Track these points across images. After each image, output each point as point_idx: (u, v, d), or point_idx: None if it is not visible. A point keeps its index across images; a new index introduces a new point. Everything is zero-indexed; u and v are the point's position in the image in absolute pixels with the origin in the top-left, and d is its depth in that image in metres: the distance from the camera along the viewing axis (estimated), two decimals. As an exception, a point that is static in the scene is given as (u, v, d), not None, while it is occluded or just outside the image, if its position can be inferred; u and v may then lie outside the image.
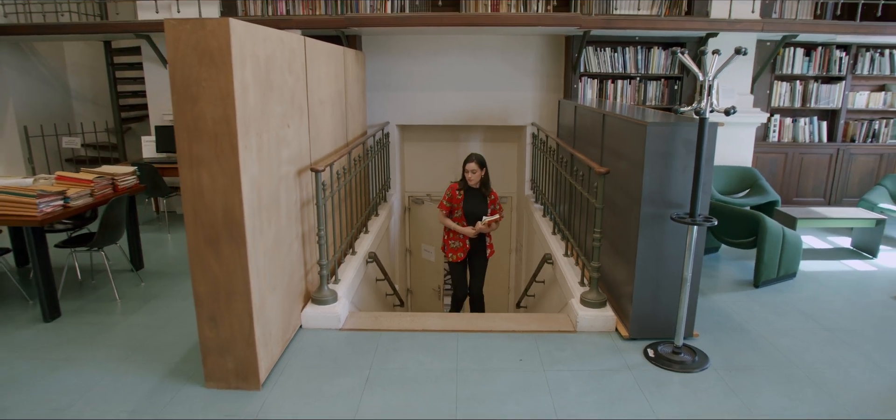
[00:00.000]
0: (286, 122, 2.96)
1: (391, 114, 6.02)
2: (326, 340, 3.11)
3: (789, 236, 3.94)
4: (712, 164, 2.87)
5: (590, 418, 2.42)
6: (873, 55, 5.90)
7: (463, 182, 4.17)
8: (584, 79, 5.83)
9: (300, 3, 5.72)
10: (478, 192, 4.17)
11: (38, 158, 6.40)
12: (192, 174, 2.38)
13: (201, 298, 2.52)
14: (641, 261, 3.00)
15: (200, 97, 2.31)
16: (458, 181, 4.23)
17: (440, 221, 4.32)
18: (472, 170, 4.08)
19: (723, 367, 2.85)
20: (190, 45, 2.27)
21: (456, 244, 4.25)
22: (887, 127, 6.07)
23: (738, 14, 5.32)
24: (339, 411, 2.46)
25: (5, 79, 6.14)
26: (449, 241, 4.29)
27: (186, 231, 2.45)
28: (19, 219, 3.26)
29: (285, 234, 2.96)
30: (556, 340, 3.12)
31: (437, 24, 5.16)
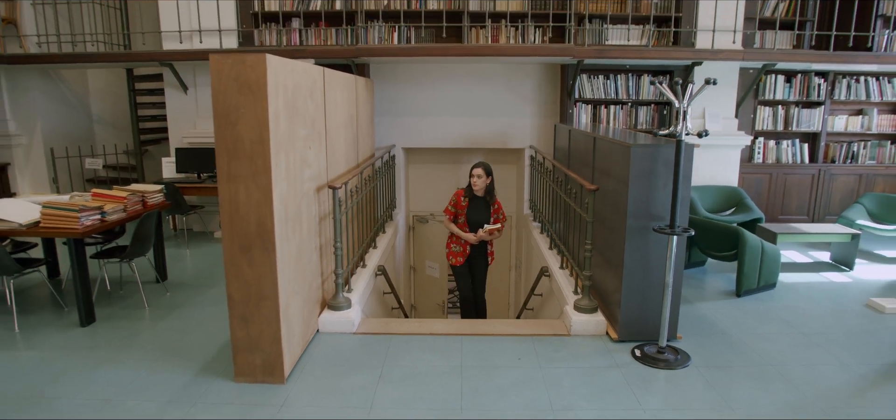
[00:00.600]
0: (308, 144, 3.30)
1: (397, 137, 6.39)
2: (342, 343, 3.41)
3: (768, 249, 4.25)
4: (690, 181, 3.20)
5: (581, 408, 2.70)
6: (849, 82, 6.28)
7: (469, 189, 4.39)
8: (579, 104, 6.21)
9: (313, 33, 6.13)
10: (482, 200, 4.40)
11: (62, 178, 6.75)
12: (230, 189, 2.71)
13: (234, 300, 2.83)
14: (628, 269, 3.31)
15: (239, 121, 2.66)
16: (465, 188, 4.46)
17: (445, 226, 4.58)
18: (478, 175, 4.29)
19: (703, 365, 3.14)
20: (231, 76, 2.62)
21: (457, 248, 4.50)
22: (865, 148, 6.42)
23: (720, 44, 5.73)
24: (355, 403, 2.75)
25: (35, 103, 6.53)
26: (451, 245, 4.54)
27: (223, 240, 2.77)
28: (62, 231, 3.58)
29: (306, 245, 3.28)
30: (552, 343, 3.42)
31: (440, 54, 5.56)
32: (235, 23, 5.95)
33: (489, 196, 4.41)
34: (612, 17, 5.93)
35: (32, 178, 6.63)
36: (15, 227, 3.60)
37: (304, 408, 2.71)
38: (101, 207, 3.81)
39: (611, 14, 5.90)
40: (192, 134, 6.22)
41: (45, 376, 3.02)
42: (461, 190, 4.45)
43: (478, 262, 4.55)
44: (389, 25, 6.04)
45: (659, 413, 2.66)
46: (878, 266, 5.01)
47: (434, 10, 5.91)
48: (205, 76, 6.17)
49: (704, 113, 6.07)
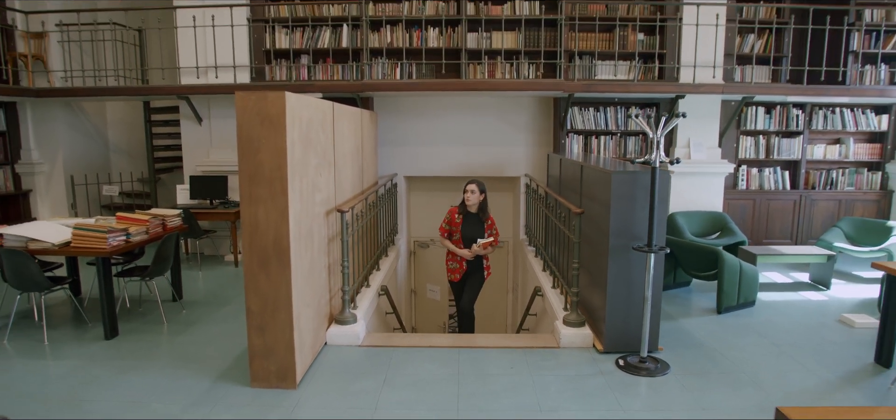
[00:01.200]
0: (319, 171, 3.64)
1: (399, 166, 6.75)
2: (348, 354, 3.68)
3: (747, 269, 4.55)
4: (666, 204, 3.53)
5: (567, 410, 2.97)
6: (826, 113, 6.66)
7: (462, 206, 4.56)
8: (571, 135, 6.58)
9: (320, 69, 6.56)
10: (476, 216, 4.57)
11: (80, 204, 7.09)
12: (251, 210, 3.04)
13: (252, 310, 3.13)
14: (611, 286, 3.60)
15: (260, 150, 3.00)
16: (458, 206, 4.62)
17: (440, 243, 4.78)
18: (472, 191, 4.46)
19: (681, 372, 3.41)
20: (254, 110, 2.98)
21: (453, 265, 4.68)
22: (843, 175, 6.76)
23: (701, 79, 6.13)
24: (361, 405, 3.01)
25: (57, 134, 6.92)
26: (448, 262, 4.76)
27: (244, 255, 3.08)
28: (92, 250, 3.89)
29: (316, 263, 3.59)
30: (542, 354, 3.69)
31: (440, 88, 5.96)
32: (249, 59, 6.38)
33: (483, 212, 4.56)
34: (601, 53, 6.35)
35: (52, 203, 6.98)
36: (48, 247, 3.91)
37: (314, 409, 2.97)
38: (127, 229, 4.13)
39: (599, 51, 6.33)
40: (205, 163, 6.59)
41: (77, 382, 3.29)
42: (454, 207, 4.59)
43: (473, 276, 4.69)
44: (392, 61, 6.47)
45: (637, 414, 2.93)
46: (853, 285, 5.29)
47: (434, 47, 6.34)
48: (218, 108, 6.57)
49: (689, 143, 6.44)
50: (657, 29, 6.31)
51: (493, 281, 7.39)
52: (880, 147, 6.76)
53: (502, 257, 7.45)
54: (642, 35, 6.42)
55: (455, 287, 4.82)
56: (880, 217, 6.62)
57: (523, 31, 6.27)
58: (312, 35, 6.47)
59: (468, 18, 6.25)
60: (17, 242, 3.93)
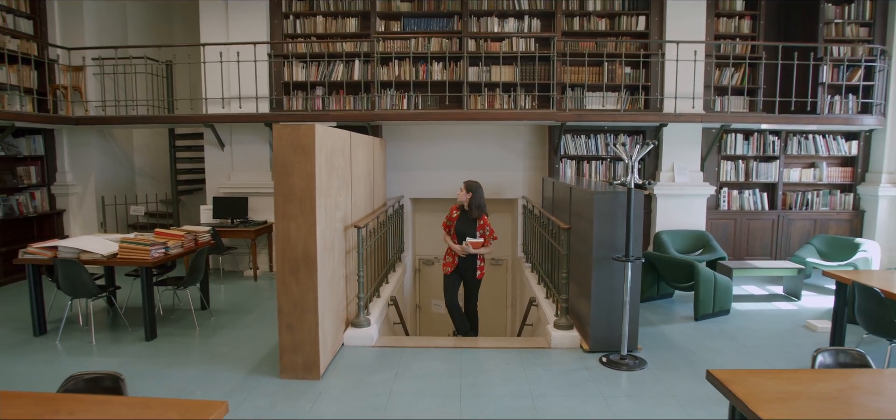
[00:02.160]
0: (339, 192, 4.18)
1: (405, 188, 7.29)
2: (363, 353, 4.16)
3: (721, 281, 5.04)
4: (641, 220, 4.04)
5: (554, 396, 3.44)
6: (800, 139, 7.21)
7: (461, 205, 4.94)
8: (564, 160, 7.13)
9: (334, 100, 7.15)
10: (469, 214, 4.87)
11: (109, 224, 7.62)
12: (283, 224, 3.56)
13: (283, 311, 3.63)
14: (596, 293, 4.10)
15: (293, 173, 3.54)
16: (458, 204, 4.99)
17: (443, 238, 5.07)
18: (461, 189, 4.82)
19: (657, 368, 3.88)
20: (288, 140, 3.52)
21: (448, 258, 4.98)
22: (818, 197, 7.28)
23: (683, 109, 6.69)
24: (376, 392, 3.49)
25: (90, 158, 7.49)
26: (446, 255, 5.05)
27: (276, 264, 3.60)
28: (136, 261, 4.41)
29: (336, 272, 4.10)
30: (535, 353, 4.16)
31: (444, 117, 6.54)
32: (269, 91, 6.98)
33: (476, 211, 4.86)
34: (590, 85, 6.94)
35: (83, 222, 7.51)
36: (98, 258, 4.43)
37: (336, 395, 3.45)
38: (166, 243, 4.66)
39: (589, 83, 6.92)
40: (226, 185, 7.14)
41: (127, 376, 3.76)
42: (455, 205, 4.92)
43: (467, 275, 4.98)
44: (400, 93, 7.06)
45: (614, 400, 3.40)
46: (822, 296, 5.76)
47: (438, 80, 6.94)
48: (240, 135, 7.15)
49: (673, 167, 6.98)
50: (641, 63, 6.91)
51: (493, 296, 7.87)
52: (852, 170, 7.28)
53: (502, 274, 7.94)
54: (628, 69, 7.01)
55: (447, 280, 5.01)
56: (853, 235, 7.10)
57: (520, 66, 6.87)
58: (327, 69, 7.09)
59: (469, 54, 6.87)
60: (70, 254, 4.45)
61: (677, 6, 6.81)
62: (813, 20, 7.04)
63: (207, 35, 7.00)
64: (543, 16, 7.05)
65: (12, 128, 6.31)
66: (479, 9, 7.01)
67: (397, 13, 7.08)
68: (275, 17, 7.10)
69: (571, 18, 7.03)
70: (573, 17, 7.03)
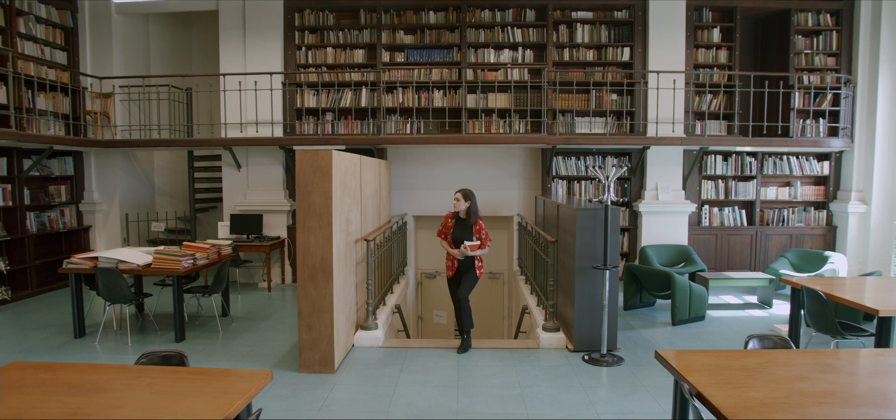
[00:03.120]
0: (351, 208, 4.72)
1: (408, 206, 7.83)
2: (372, 352, 4.66)
3: (696, 289, 5.54)
4: (618, 233, 4.57)
5: (541, 387, 3.93)
6: (775, 160, 7.76)
7: (456, 212, 4.95)
8: (556, 180, 7.68)
9: (342, 124, 7.74)
10: (466, 221, 4.91)
11: (131, 238, 8.16)
12: (304, 236, 4.09)
13: (303, 312, 4.14)
14: (579, 298, 4.60)
15: (312, 192, 4.08)
16: (452, 212, 5.00)
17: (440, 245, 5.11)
18: (457, 198, 4.85)
19: (633, 365, 4.37)
20: (309, 163, 4.07)
21: (448, 263, 5.04)
22: (793, 213, 7.80)
23: (664, 133, 7.26)
24: (384, 382, 3.98)
25: (115, 178, 8.06)
26: (446, 260, 5.08)
27: (297, 271, 4.12)
28: (168, 270, 4.93)
29: (348, 280, 4.62)
30: (525, 353, 4.66)
31: (445, 141, 7.11)
32: (282, 116, 7.57)
33: (471, 217, 4.89)
34: (579, 111, 7.53)
35: (108, 237, 8.05)
36: (134, 267, 4.96)
37: (349, 386, 3.95)
38: (194, 255, 5.19)
39: (578, 109, 7.51)
40: (242, 203, 7.69)
41: (165, 370, 4.27)
42: (449, 213, 5.05)
43: (466, 274, 4.95)
44: (404, 118, 7.65)
45: (593, 390, 3.89)
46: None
47: (439, 106, 7.53)
48: (255, 157, 7.72)
49: (657, 186, 7.53)
50: (626, 91, 7.51)
51: (491, 308, 8.35)
52: (824, 189, 7.82)
53: (498, 288, 8.44)
54: (614, 96, 7.60)
55: (450, 283, 5.13)
56: (827, 249, 7.60)
57: (514, 93, 7.47)
58: (336, 96, 7.69)
59: (468, 83, 7.47)
60: (110, 263, 4.98)
61: (659, 38, 7.42)
62: (784, 50, 7.65)
63: (227, 65, 7.62)
64: (536, 47, 7.67)
65: (50, 150, 6.88)
66: (476, 41, 7.63)
67: (401, 45, 7.70)
68: (289, 49, 7.72)
69: (561, 49, 7.65)
70: (563, 48, 7.64)
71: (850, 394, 2.17)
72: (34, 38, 7.13)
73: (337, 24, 7.79)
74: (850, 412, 2.01)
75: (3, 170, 6.71)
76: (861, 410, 2.03)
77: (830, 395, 2.14)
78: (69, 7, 7.67)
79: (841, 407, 2.04)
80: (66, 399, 2.09)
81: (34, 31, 7.11)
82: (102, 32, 7.95)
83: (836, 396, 2.13)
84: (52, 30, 7.44)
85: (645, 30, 7.51)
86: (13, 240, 6.75)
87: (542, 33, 7.60)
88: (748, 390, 2.18)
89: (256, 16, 7.59)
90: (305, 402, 3.68)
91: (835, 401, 2.09)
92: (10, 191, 6.80)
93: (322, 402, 3.68)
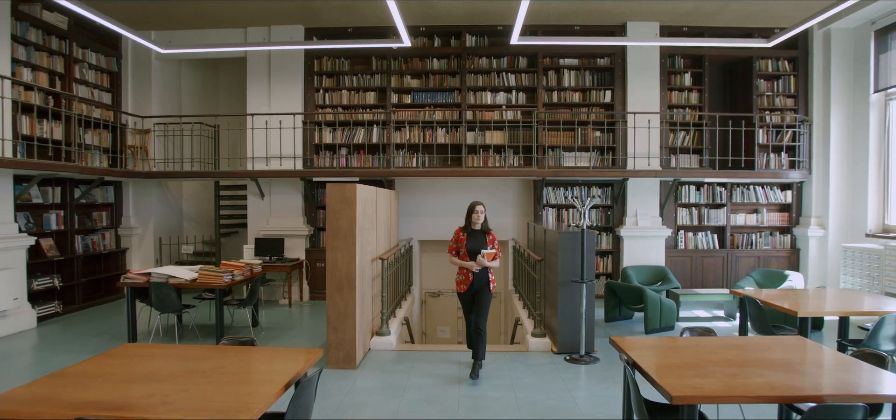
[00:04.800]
0: (368, 232, 5.60)
1: (414, 232, 8.71)
2: (386, 354, 5.48)
3: (665, 303, 6.37)
4: (593, 253, 5.43)
5: (528, 379, 4.74)
6: (743, 189, 8.67)
7: (467, 226, 4.94)
8: (546, 208, 8.58)
9: (355, 158, 8.67)
10: (479, 232, 4.92)
11: (163, 260, 9.01)
12: (333, 254, 4.96)
13: (330, 317, 4.98)
14: (562, 308, 5.45)
15: (340, 218, 4.97)
16: (462, 226, 4.99)
17: (450, 262, 5.01)
18: (480, 211, 4.87)
19: (606, 363, 5.18)
20: (337, 194, 4.97)
21: (460, 278, 4.93)
22: (761, 237, 8.67)
23: (641, 166, 8.19)
24: (398, 375, 4.80)
25: (150, 205, 8.96)
26: (456, 275, 5.01)
27: (327, 283, 4.98)
28: (212, 284, 5.77)
29: (366, 292, 5.47)
30: (516, 354, 5.48)
31: (447, 174, 8.04)
32: (302, 151, 8.51)
33: (485, 227, 4.98)
34: (566, 147, 8.47)
35: (142, 259, 8.90)
36: (183, 281, 5.80)
37: (369, 377, 4.77)
38: (232, 271, 6.04)
39: (565, 145, 8.45)
40: (265, 228, 8.57)
41: (213, 367, 5.09)
42: (459, 228, 5.01)
43: (481, 290, 4.91)
44: (410, 153, 8.59)
45: (572, 382, 4.71)
46: (753, 319, 7.06)
47: (442, 143, 8.48)
48: (277, 187, 8.63)
49: (636, 213, 8.42)
50: (606, 129, 8.46)
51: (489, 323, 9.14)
52: (788, 215, 8.71)
53: (495, 306, 9.24)
54: (598, 133, 8.56)
55: (463, 299, 5.01)
56: (791, 269, 8.43)
57: (508, 131, 8.42)
58: (350, 133, 8.65)
59: (467, 122, 8.43)
60: (161, 278, 5.83)
61: (636, 82, 8.41)
62: (749, 92, 8.64)
63: (253, 105, 8.60)
64: (527, 90, 8.66)
65: (101, 181, 7.80)
66: (475, 85, 8.62)
67: (408, 88, 8.70)
68: (308, 91, 8.71)
69: (550, 92, 8.63)
70: (552, 91, 8.63)
71: (742, 359, 3.02)
72: (86, 81, 8.11)
73: (351, 69, 8.80)
74: (737, 369, 2.85)
75: (57, 198, 7.60)
76: (747, 369, 2.88)
77: (727, 362, 2.99)
78: (115, 54, 8.68)
79: (731, 367, 2.89)
80: (181, 363, 2.94)
81: (86, 76, 8.10)
82: (142, 76, 8.96)
83: (731, 362, 2.98)
84: (100, 74, 8.43)
85: (624, 75, 8.51)
86: (64, 260, 7.61)
87: (533, 78, 8.60)
88: (668, 359, 3.04)
89: (280, 62, 8.60)
90: (335, 388, 4.50)
91: (729, 364, 2.94)
92: (62, 216, 7.69)
93: (348, 389, 4.50)
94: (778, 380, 2.72)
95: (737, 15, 7.96)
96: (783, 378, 2.74)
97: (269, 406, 2.47)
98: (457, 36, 8.67)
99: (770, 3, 7.42)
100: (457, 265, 4.95)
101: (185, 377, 2.74)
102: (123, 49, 8.78)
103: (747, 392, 2.58)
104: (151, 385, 2.62)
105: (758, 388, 2.59)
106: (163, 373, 2.81)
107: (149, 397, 2.47)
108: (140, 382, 2.66)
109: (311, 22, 8.42)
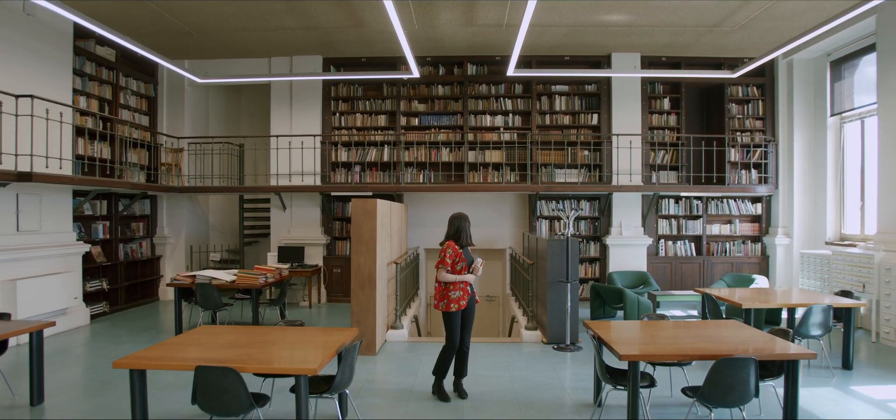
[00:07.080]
0: (384, 240, 6.53)
1: (420, 241, 9.64)
2: (400, 344, 6.39)
3: (643, 302, 7.28)
4: (577, 258, 6.36)
5: (521, 364, 5.65)
6: (717, 202, 9.61)
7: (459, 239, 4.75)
8: (540, 219, 9.52)
9: (368, 175, 9.63)
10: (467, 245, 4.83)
11: (193, 267, 9.92)
12: (357, 258, 5.89)
13: (354, 311, 5.89)
14: (550, 304, 6.36)
15: (362, 227, 5.90)
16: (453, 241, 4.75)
17: (439, 279, 4.70)
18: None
19: (588, 351, 6.08)
20: (361, 208, 5.91)
21: (457, 293, 4.62)
22: (734, 246, 9.59)
23: (625, 182, 9.15)
24: (411, 360, 5.71)
25: (182, 217, 9.90)
26: (450, 293, 4.63)
27: (351, 282, 5.91)
28: (250, 284, 6.69)
29: (382, 291, 6.38)
30: (511, 345, 6.39)
31: (450, 189, 9.00)
32: (320, 168, 9.47)
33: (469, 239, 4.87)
34: (557, 164, 9.43)
35: (174, 266, 9.82)
36: (224, 282, 6.72)
37: (387, 361, 5.68)
38: (266, 274, 6.97)
39: (557, 163, 9.41)
40: (287, 238, 9.51)
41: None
42: (451, 242, 4.75)
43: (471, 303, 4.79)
44: (417, 170, 9.55)
45: (558, 366, 5.61)
46: (722, 317, 7.96)
47: (446, 161, 9.45)
48: (298, 201, 9.57)
49: (621, 224, 9.35)
50: (594, 148, 9.43)
51: (488, 324, 10.04)
52: (758, 225, 9.64)
53: (495, 308, 10.15)
54: (586, 152, 9.52)
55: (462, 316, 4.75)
56: (761, 274, 9.35)
57: (505, 150, 9.39)
58: (363, 152, 9.61)
59: (468, 142, 9.40)
60: (205, 279, 6.75)
61: (620, 107, 9.38)
62: (721, 115, 9.60)
63: (276, 127, 9.57)
64: (523, 114, 9.64)
65: (143, 195, 8.74)
66: (475, 109, 9.61)
67: (416, 112, 9.68)
68: (325, 115, 9.68)
69: (544, 116, 9.61)
70: (545, 114, 9.61)
71: (684, 336, 3.94)
72: (128, 106, 9.08)
73: (364, 95, 9.79)
74: (676, 341, 3.77)
75: (104, 210, 8.55)
76: (681, 342, 3.79)
77: (672, 337, 3.91)
78: (152, 80, 9.66)
79: (673, 340, 3.81)
80: (251, 337, 3.86)
81: (129, 101, 9.08)
82: (176, 100, 9.94)
83: (675, 337, 3.90)
84: (139, 99, 9.41)
85: (609, 100, 9.49)
86: (110, 265, 8.53)
87: (528, 103, 9.58)
88: (625, 335, 3.96)
89: (300, 89, 9.59)
90: (360, 369, 5.40)
91: (673, 339, 3.86)
92: (108, 226, 8.62)
93: (371, 369, 5.42)
94: (704, 346, 3.64)
95: (709, 47, 8.94)
96: (708, 345, 3.67)
97: (327, 361, 3.39)
98: (459, 65, 9.66)
99: (738, 36, 8.41)
100: (455, 280, 4.64)
101: (260, 346, 3.66)
102: (159, 76, 9.77)
103: (677, 352, 3.50)
104: (236, 350, 3.55)
105: (684, 350, 3.52)
106: (241, 342, 3.74)
107: (239, 356, 3.39)
108: (227, 348, 3.59)
109: (329, 52, 9.41)
